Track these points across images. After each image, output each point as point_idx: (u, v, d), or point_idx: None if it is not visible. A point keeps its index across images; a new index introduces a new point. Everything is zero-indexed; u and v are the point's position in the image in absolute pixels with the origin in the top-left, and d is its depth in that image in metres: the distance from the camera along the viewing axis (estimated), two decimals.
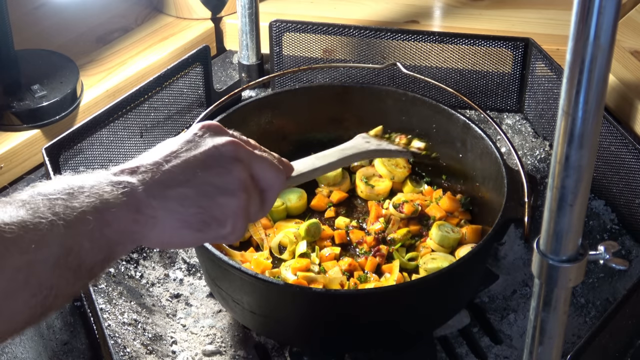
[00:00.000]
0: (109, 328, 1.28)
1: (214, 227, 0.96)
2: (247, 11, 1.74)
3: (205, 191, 0.94)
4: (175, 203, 0.92)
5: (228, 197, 0.96)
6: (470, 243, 1.39)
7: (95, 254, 0.85)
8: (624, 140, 1.47)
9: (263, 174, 1.02)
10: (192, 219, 0.94)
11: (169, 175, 0.93)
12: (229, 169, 0.97)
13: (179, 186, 0.93)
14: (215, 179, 0.96)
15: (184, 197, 0.93)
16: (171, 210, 0.92)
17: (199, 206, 0.94)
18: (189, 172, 0.95)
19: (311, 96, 1.55)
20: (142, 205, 0.90)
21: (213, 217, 0.95)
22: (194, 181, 0.94)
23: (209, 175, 0.96)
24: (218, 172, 0.96)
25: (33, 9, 1.93)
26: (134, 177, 0.92)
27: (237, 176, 0.97)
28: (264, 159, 1.04)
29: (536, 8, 1.92)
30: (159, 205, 0.91)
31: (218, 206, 0.95)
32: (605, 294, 1.39)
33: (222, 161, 0.97)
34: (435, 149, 1.52)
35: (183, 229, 0.94)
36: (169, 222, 0.92)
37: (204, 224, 0.95)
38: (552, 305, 0.82)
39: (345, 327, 1.25)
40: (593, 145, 0.73)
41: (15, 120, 1.58)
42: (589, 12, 0.67)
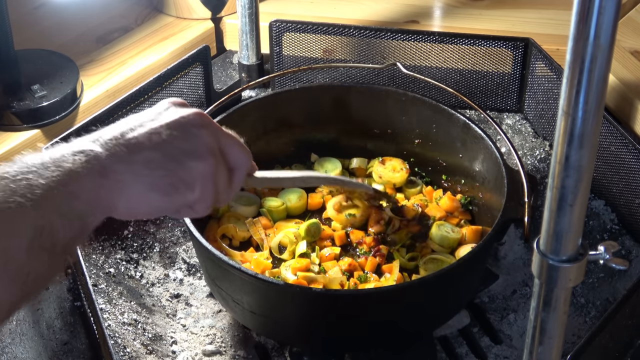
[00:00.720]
0: (109, 328, 1.28)
1: (182, 191, 0.94)
2: (247, 11, 1.74)
3: (172, 154, 0.93)
4: (141, 166, 0.91)
5: (196, 160, 0.94)
6: (470, 243, 1.39)
7: (67, 229, 0.83)
8: (624, 140, 1.47)
9: (231, 150, 1.01)
10: (160, 181, 0.92)
11: (134, 141, 0.92)
12: (197, 134, 0.96)
13: (145, 150, 0.92)
14: (183, 143, 0.94)
15: (150, 160, 0.92)
16: (138, 174, 0.90)
17: (166, 169, 0.92)
18: (155, 137, 0.93)
19: (311, 96, 1.55)
20: (107, 171, 0.88)
21: (181, 180, 0.93)
22: (160, 145, 0.93)
23: (176, 139, 0.94)
24: (185, 137, 0.95)
25: (33, 9, 1.93)
26: (96, 145, 0.90)
27: (205, 141, 0.96)
28: (232, 137, 1.03)
29: (536, 8, 1.92)
30: (125, 169, 0.89)
31: (186, 169, 0.94)
32: (605, 294, 1.39)
33: (189, 128, 0.96)
34: (435, 149, 1.52)
35: (151, 192, 0.92)
36: (136, 186, 0.91)
37: (172, 187, 0.93)
38: (552, 305, 0.82)
39: (345, 327, 1.25)
40: (593, 145, 0.73)
41: (15, 120, 1.58)
42: (589, 12, 0.67)
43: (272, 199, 1.48)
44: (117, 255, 1.44)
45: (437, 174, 1.54)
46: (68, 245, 0.85)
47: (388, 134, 1.56)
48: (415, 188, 1.53)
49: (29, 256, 0.79)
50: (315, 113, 1.56)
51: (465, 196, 1.49)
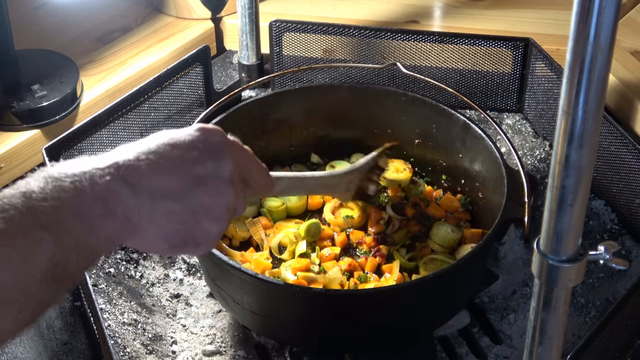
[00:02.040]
0: (109, 328, 1.28)
1: (189, 246, 0.94)
2: (247, 11, 1.74)
3: (193, 210, 0.92)
4: (162, 216, 0.90)
5: (213, 222, 0.94)
6: (470, 243, 1.39)
7: (80, 263, 0.83)
8: (624, 140, 1.47)
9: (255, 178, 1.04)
10: (173, 234, 0.92)
11: (162, 183, 0.90)
12: (224, 193, 0.95)
13: (169, 199, 0.90)
14: (206, 200, 0.93)
15: (171, 211, 0.91)
16: (156, 222, 0.90)
17: (183, 223, 0.92)
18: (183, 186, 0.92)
19: (311, 96, 1.55)
20: (130, 214, 0.87)
21: (192, 237, 0.94)
22: (185, 197, 0.92)
23: (201, 194, 0.93)
24: (211, 194, 0.94)
25: (33, 9, 1.93)
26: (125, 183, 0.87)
27: (228, 201, 0.95)
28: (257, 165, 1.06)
29: (536, 8, 1.92)
30: (146, 216, 0.89)
31: (201, 229, 0.94)
32: (605, 294, 1.39)
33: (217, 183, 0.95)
34: (435, 149, 1.52)
35: (161, 242, 0.92)
36: (151, 233, 0.90)
37: (181, 242, 0.93)
38: (552, 305, 0.82)
39: (345, 327, 1.25)
40: (593, 145, 0.73)
41: (15, 120, 1.58)
42: (589, 12, 0.67)
43: (272, 199, 1.48)
44: (117, 255, 1.44)
45: (437, 174, 1.54)
46: (77, 275, 0.84)
47: (388, 134, 1.56)
48: (417, 188, 1.53)
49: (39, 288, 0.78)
50: (315, 113, 1.56)
51: (465, 196, 1.49)
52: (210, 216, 0.94)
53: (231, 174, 0.96)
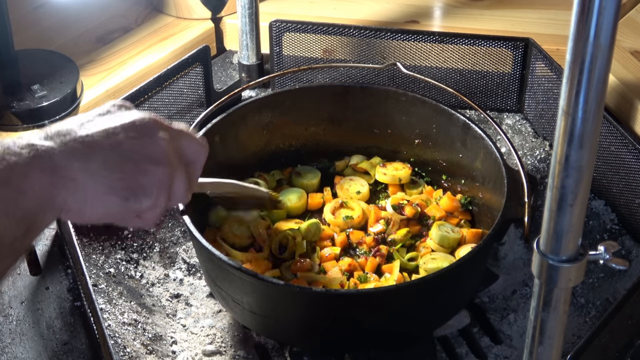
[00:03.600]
0: (109, 328, 1.28)
1: (138, 196, 0.90)
2: (247, 11, 1.74)
3: (130, 157, 0.89)
4: (99, 165, 0.86)
5: (153, 165, 0.91)
6: (470, 243, 1.39)
7: (14, 228, 0.79)
8: (624, 140, 1.47)
9: (187, 145, 0.99)
10: (117, 184, 0.88)
11: (89, 139, 0.87)
12: (155, 139, 0.92)
13: (103, 149, 0.87)
14: (140, 147, 0.91)
15: (107, 159, 0.87)
16: (94, 173, 0.86)
17: (123, 171, 0.88)
18: (112, 137, 0.89)
19: (311, 96, 1.55)
20: (60, 168, 0.83)
21: (139, 185, 0.90)
22: (118, 146, 0.89)
23: (134, 142, 0.90)
24: (143, 140, 0.91)
25: (33, 9, 1.93)
26: (48, 140, 0.85)
27: (163, 146, 0.93)
28: (185, 132, 1.00)
29: (536, 8, 1.92)
30: (80, 167, 0.85)
31: (143, 173, 0.90)
32: (605, 294, 1.39)
33: (145, 131, 0.92)
34: (435, 149, 1.52)
35: (106, 195, 0.87)
36: (92, 186, 0.86)
37: (128, 191, 0.89)
38: (552, 305, 0.82)
39: (345, 327, 1.25)
40: (593, 145, 0.73)
41: (15, 120, 1.58)
42: (589, 12, 0.67)
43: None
44: (117, 255, 1.44)
45: (437, 174, 1.54)
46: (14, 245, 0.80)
47: (388, 134, 1.56)
48: (417, 188, 1.53)
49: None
50: (315, 113, 1.56)
51: (465, 196, 1.49)
52: (149, 159, 0.91)
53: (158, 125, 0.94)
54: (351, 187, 1.52)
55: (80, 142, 0.86)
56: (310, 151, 1.59)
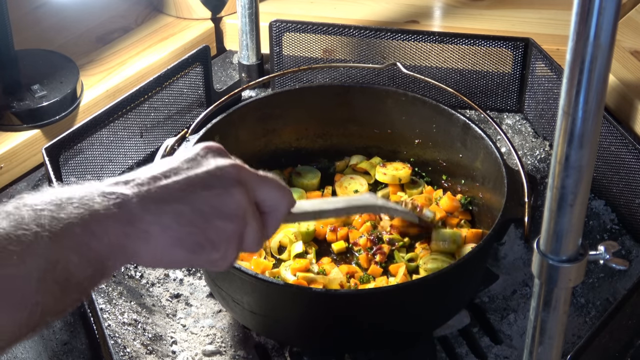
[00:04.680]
0: (109, 328, 1.28)
1: (207, 250, 0.91)
2: (247, 11, 1.74)
3: (202, 211, 0.90)
4: (171, 219, 0.88)
5: (225, 220, 0.91)
6: (470, 243, 1.39)
7: (84, 268, 0.81)
8: (624, 140, 1.47)
9: (267, 195, 0.98)
10: (187, 238, 0.89)
11: (166, 190, 0.89)
12: (231, 192, 0.92)
13: (176, 202, 0.88)
14: (215, 200, 0.91)
15: (180, 213, 0.88)
16: (165, 227, 0.87)
17: (194, 225, 0.89)
18: (188, 189, 0.90)
19: (311, 96, 1.55)
20: (135, 219, 0.85)
21: (207, 239, 0.90)
22: (192, 199, 0.90)
23: (209, 195, 0.91)
24: (218, 193, 0.92)
25: (33, 9, 1.93)
26: (128, 188, 0.87)
27: (238, 200, 0.93)
28: (269, 180, 0.99)
29: (536, 8, 1.92)
30: (154, 220, 0.86)
31: (214, 228, 0.91)
32: (605, 294, 1.39)
33: (223, 182, 0.93)
34: (435, 149, 1.52)
35: (175, 248, 0.89)
36: (162, 239, 0.87)
37: (197, 245, 0.90)
38: (552, 305, 0.82)
39: (345, 327, 1.25)
40: (593, 145, 0.72)
41: (15, 120, 1.58)
42: (589, 12, 0.67)
43: None
44: None
45: (437, 174, 1.54)
46: (83, 284, 0.82)
47: (388, 134, 1.56)
48: (417, 188, 1.53)
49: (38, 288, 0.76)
50: (315, 113, 1.56)
51: (465, 196, 1.49)
52: (221, 215, 0.91)
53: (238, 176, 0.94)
54: (350, 186, 1.52)
55: (157, 192, 0.88)
56: (310, 151, 1.60)
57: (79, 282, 0.81)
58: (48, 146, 1.42)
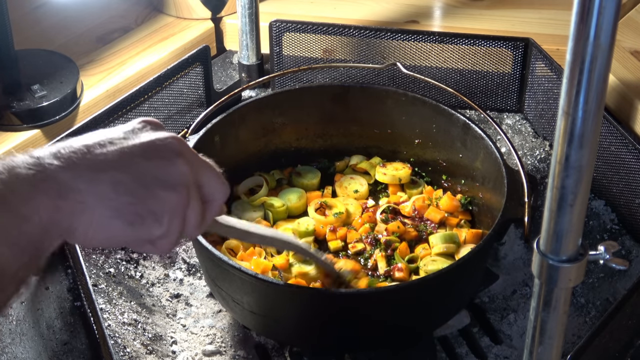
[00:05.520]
0: (109, 328, 1.28)
1: (148, 222, 0.83)
2: (247, 11, 1.74)
3: (143, 180, 0.82)
4: (108, 187, 0.80)
5: (168, 190, 0.84)
6: (470, 243, 1.39)
7: (17, 257, 0.74)
8: (624, 140, 1.47)
9: (208, 181, 0.91)
10: (126, 208, 0.81)
11: (103, 158, 0.81)
12: (173, 161, 0.85)
13: (114, 170, 0.81)
14: (156, 170, 0.84)
15: (118, 182, 0.81)
16: (102, 197, 0.80)
17: (134, 195, 0.82)
18: (126, 158, 0.82)
19: (311, 96, 1.55)
20: (66, 189, 0.77)
21: (149, 210, 0.83)
22: (132, 168, 0.82)
23: (150, 165, 0.84)
24: (159, 163, 0.84)
25: (33, 9, 1.93)
26: (55, 157, 0.79)
27: (180, 170, 0.85)
28: (210, 166, 0.92)
29: (536, 8, 1.92)
30: (88, 189, 0.79)
31: (156, 198, 0.83)
32: (605, 294, 1.39)
33: (165, 153, 0.85)
34: (435, 149, 1.52)
35: (113, 219, 0.81)
36: (99, 210, 0.80)
37: (137, 217, 0.82)
38: (552, 305, 0.82)
39: (345, 327, 1.25)
40: (593, 145, 0.72)
41: (15, 120, 1.58)
42: (589, 12, 0.67)
43: (272, 199, 1.48)
44: (117, 255, 1.44)
45: (437, 174, 1.54)
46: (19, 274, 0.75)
47: (388, 134, 1.56)
48: (417, 188, 1.53)
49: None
50: (315, 113, 1.56)
51: (465, 196, 1.49)
52: (164, 184, 0.84)
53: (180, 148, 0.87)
54: (350, 185, 1.53)
55: (92, 161, 0.81)
56: (310, 151, 1.60)
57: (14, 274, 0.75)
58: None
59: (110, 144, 0.83)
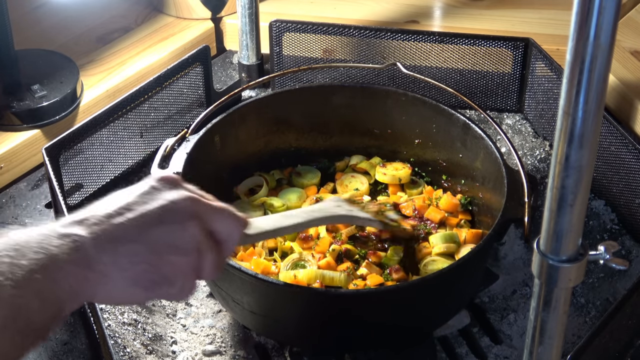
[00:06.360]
0: (109, 328, 1.28)
1: (163, 286, 0.91)
2: (247, 11, 1.74)
3: (156, 248, 0.90)
4: (126, 260, 0.88)
5: (179, 255, 0.92)
6: (470, 243, 1.39)
7: (44, 313, 0.81)
8: (624, 140, 1.47)
9: (221, 225, 0.97)
10: (142, 277, 0.89)
11: (121, 228, 0.89)
12: (185, 226, 0.93)
13: (131, 242, 0.89)
14: (168, 236, 0.91)
15: (134, 253, 0.89)
16: (120, 268, 0.88)
17: (149, 264, 0.89)
18: (143, 226, 0.90)
19: (311, 96, 1.55)
20: (92, 261, 0.86)
21: (162, 276, 0.91)
22: (146, 237, 0.90)
23: (163, 231, 0.91)
24: (172, 228, 0.92)
25: (33, 9, 1.93)
26: (83, 228, 0.87)
27: (192, 233, 0.93)
28: (223, 210, 0.99)
29: (536, 8, 1.92)
30: (109, 261, 0.87)
31: (168, 264, 0.91)
32: (605, 294, 1.39)
33: (177, 217, 0.93)
34: (435, 149, 1.52)
35: (132, 287, 0.89)
36: (119, 280, 0.88)
37: (153, 283, 0.90)
38: (552, 305, 0.82)
39: (345, 327, 1.25)
40: (593, 145, 0.72)
41: (15, 120, 1.58)
42: (589, 12, 0.67)
43: (272, 199, 1.48)
44: None
45: (437, 174, 1.54)
46: (41, 329, 0.81)
47: (388, 134, 1.56)
48: (417, 188, 1.53)
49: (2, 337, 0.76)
50: (315, 113, 1.56)
51: (465, 196, 1.49)
52: (175, 250, 0.91)
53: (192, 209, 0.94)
54: (351, 184, 1.53)
55: (112, 234, 0.88)
56: (310, 151, 1.60)
57: (38, 327, 0.81)
58: (48, 146, 1.42)
59: (129, 211, 0.91)
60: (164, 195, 0.94)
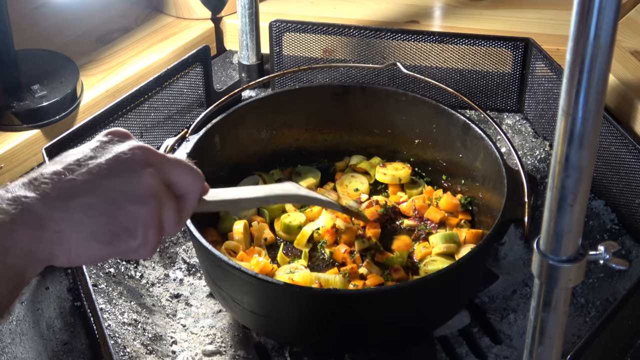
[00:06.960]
0: (109, 328, 1.28)
1: (123, 238, 0.88)
2: (247, 11, 1.74)
3: (112, 199, 0.86)
4: (80, 213, 0.84)
5: (138, 204, 0.88)
6: (470, 243, 1.39)
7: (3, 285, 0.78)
8: (624, 140, 1.47)
9: (178, 177, 0.94)
10: (100, 230, 0.86)
11: (71, 184, 0.85)
12: (139, 174, 0.89)
13: (83, 195, 0.85)
14: (123, 186, 0.88)
15: (89, 206, 0.85)
16: (76, 222, 0.84)
17: (106, 215, 0.86)
18: (94, 180, 0.87)
19: (311, 96, 1.55)
20: (43, 221, 0.82)
21: (122, 227, 0.87)
22: (99, 189, 0.86)
23: (116, 182, 0.87)
24: (126, 178, 0.88)
25: (33, 9, 1.93)
26: (31, 190, 0.84)
27: (147, 182, 0.89)
28: (179, 162, 0.95)
29: (536, 8, 1.92)
30: (62, 218, 0.83)
31: (127, 214, 0.87)
32: (605, 294, 1.39)
33: (131, 166, 0.89)
34: (435, 149, 1.52)
35: (90, 242, 0.86)
36: (75, 235, 0.84)
37: (112, 235, 0.87)
38: (552, 305, 0.82)
39: (345, 327, 1.25)
40: (593, 145, 0.72)
41: (15, 120, 1.58)
42: (589, 12, 0.67)
43: None
44: None
45: (437, 174, 1.54)
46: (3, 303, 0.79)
47: (388, 134, 1.56)
48: (417, 188, 1.53)
49: None
50: (315, 113, 1.56)
51: (465, 196, 1.49)
52: (133, 199, 0.88)
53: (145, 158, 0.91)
54: (351, 184, 1.53)
55: (62, 190, 0.85)
56: (310, 151, 1.60)
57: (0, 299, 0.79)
58: (48, 146, 1.42)
59: (78, 167, 0.88)
60: (114, 148, 0.91)
